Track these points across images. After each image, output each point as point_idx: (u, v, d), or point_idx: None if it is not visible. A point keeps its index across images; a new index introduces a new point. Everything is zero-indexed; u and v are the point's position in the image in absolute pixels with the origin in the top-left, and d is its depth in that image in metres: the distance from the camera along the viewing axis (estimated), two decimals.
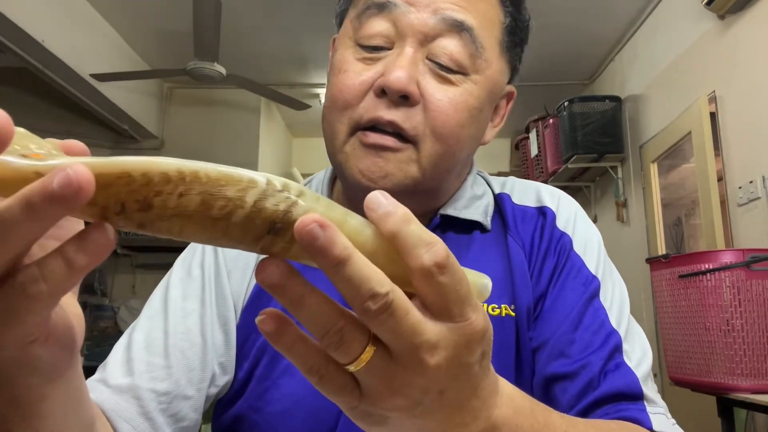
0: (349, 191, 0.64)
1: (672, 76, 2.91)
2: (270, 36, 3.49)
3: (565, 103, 3.37)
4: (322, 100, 4.66)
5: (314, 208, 0.28)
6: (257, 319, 0.30)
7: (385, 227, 0.29)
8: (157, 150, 4.13)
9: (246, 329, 0.62)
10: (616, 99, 3.36)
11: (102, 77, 3.16)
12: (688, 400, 2.23)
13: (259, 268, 0.28)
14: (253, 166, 4.11)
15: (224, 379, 0.61)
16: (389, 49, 0.59)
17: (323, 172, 0.73)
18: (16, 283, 0.25)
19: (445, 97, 0.58)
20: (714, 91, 2.52)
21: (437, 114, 0.57)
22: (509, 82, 0.68)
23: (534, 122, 3.91)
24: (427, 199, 0.64)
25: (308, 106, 3.68)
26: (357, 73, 0.58)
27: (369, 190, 0.58)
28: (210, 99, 4.20)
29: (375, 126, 0.58)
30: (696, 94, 2.62)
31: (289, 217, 0.27)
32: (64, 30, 2.97)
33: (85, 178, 0.23)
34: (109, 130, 3.98)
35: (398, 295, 0.29)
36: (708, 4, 2.41)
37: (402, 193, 0.58)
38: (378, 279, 0.28)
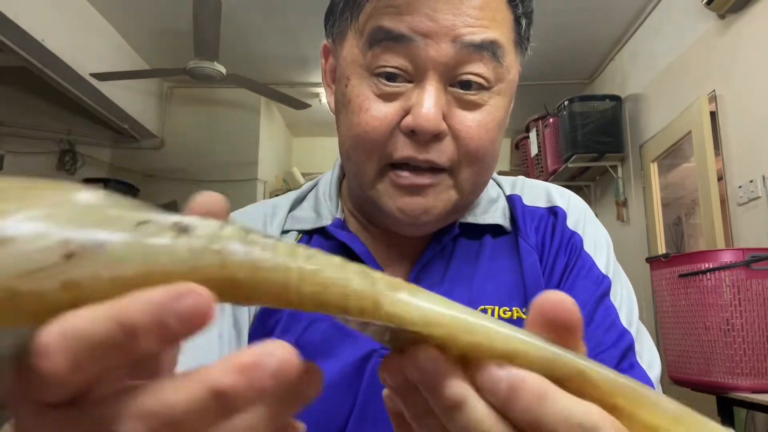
0: (383, 218, 0.62)
1: (672, 76, 2.90)
2: (270, 36, 3.49)
3: (565, 103, 3.37)
4: (322, 100, 4.60)
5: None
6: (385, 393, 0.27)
7: (524, 415, 0.23)
8: (156, 149, 4.13)
9: (259, 333, 0.62)
10: (616, 98, 3.36)
11: (102, 76, 3.16)
12: (688, 400, 2.23)
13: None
14: (253, 165, 4.11)
15: None
16: (408, 80, 0.56)
17: (329, 173, 0.71)
18: None
19: (474, 122, 0.56)
20: (714, 91, 2.52)
21: (469, 141, 0.56)
22: None
23: (534, 122, 3.91)
24: (463, 211, 0.63)
25: (308, 106, 3.68)
26: (379, 111, 0.56)
27: (410, 225, 0.58)
28: (210, 98, 4.20)
29: (407, 163, 0.56)
30: (696, 94, 2.62)
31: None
32: (64, 30, 2.97)
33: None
34: (109, 130, 3.98)
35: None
36: (708, 3, 2.41)
37: (444, 217, 0.59)
38: (489, 423, 0.24)
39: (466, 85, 0.56)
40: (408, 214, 0.57)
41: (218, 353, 0.59)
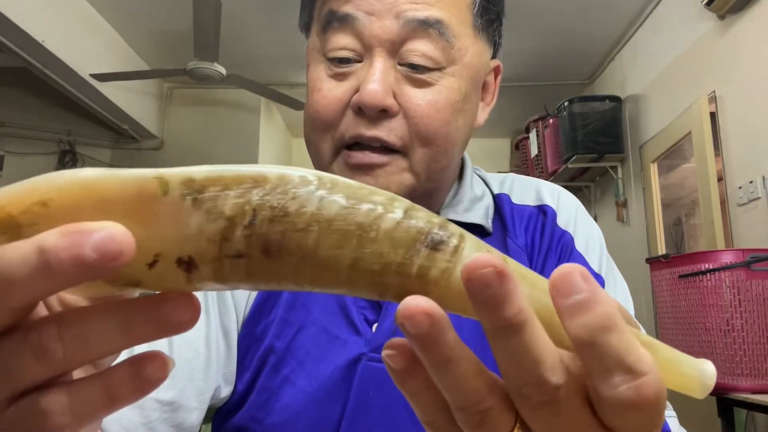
0: None
1: (672, 76, 2.90)
2: (270, 36, 3.49)
3: (565, 103, 3.37)
4: None
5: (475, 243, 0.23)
6: (384, 353, 0.24)
7: (574, 329, 0.22)
8: (156, 150, 4.13)
9: (247, 340, 0.61)
10: (616, 99, 3.36)
11: (102, 77, 3.16)
12: (688, 400, 2.22)
13: (403, 309, 0.21)
14: None
15: (226, 390, 0.60)
16: (359, 61, 0.57)
17: None
18: (35, 409, 0.21)
19: (424, 101, 0.56)
20: (714, 91, 2.52)
21: (419, 119, 0.56)
22: (494, 56, 0.66)
23: (534, 122, 3.91)
24: (424, 201, 0.61)
25: None
26: (330, 90, 0.57)
27: None
28: (210, 99, 4.20)
29: (359, 142, 0.56)
30: (696, 94, 2.62)
31: (446, 228, 0.23)
32: (64, 30, 2.97)
33: (128, 242, 0.19)
34: (109, 130, 3.98)
35: (571, 388, 0.22)
36: (708, 4, 2.41)
37: None
38: (552, 363, 0.22)
39: (414, 66, 0.56)
40: None
41: (206, 361, 0.59)
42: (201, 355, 0.58)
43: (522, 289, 0.21)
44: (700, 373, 0.24)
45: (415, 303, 0.21)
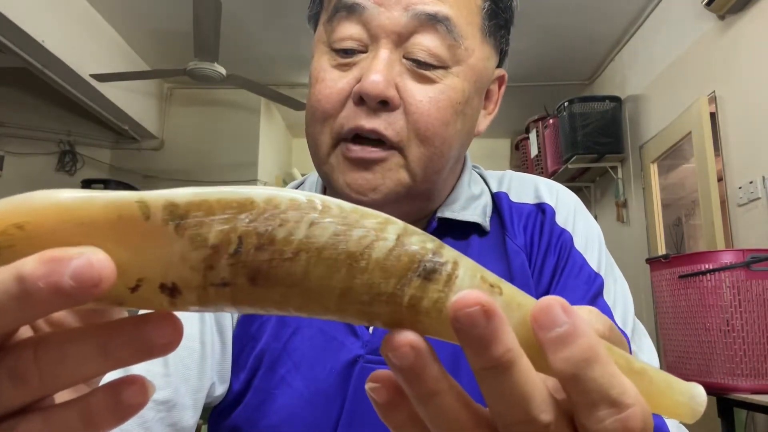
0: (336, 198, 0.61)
1: (672, 76, 2.90)
2: (270, 36, 3.49)
3: (565, 104, 3.37)
4: None
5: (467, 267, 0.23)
6: (368, 386, 0.24)
7: (557, 363, 0.22)
8: (156, 150, 4.13)
9: (242, 338, 0.60)
10: (616, 99, 3.36)
11: (102, 77, 3.16)
12: None
13: (388, 341, 0.21)
14: (253, 166, 4.11)
15: (221, 388, 0.60)
16: (364, 52, 0.56)
17: (314, 174, 0.70)
18: None
19: (426, 97, 0.55)
20: (714, 91, 2.52)
21: (419, 116, 0.55)
22: (499, 66, 0.65)
23: (534, 122, 3.91)
24: (421, 202, 0.61)
25: None
26: (333, 81, 0.56)
27: (359, 202, 0.56)
28: (210, 99, 4.20)
29: (357, 135, 0.55)
30: (696, 94, 2.62)
31: (440, 254, 0.22)
32: (64, 30, 2.97)
33: (107, 269, 0.18)
34: (109, 130, 3.98)
35: (561, 423, 0.22)
36: (708, 4, 2.41)
37: (395, 200, 0.56)
38: (541, 400, 0.22)
39: (419, 63, 0.55)
40: (356, 191, 0.55)
41: (201, 359, 0.58)
42: (196, 353, 0.58)
43: (509, 329, 0.21)
44: (690, 399, 0.24)
45: (401, 336, 0.21)
